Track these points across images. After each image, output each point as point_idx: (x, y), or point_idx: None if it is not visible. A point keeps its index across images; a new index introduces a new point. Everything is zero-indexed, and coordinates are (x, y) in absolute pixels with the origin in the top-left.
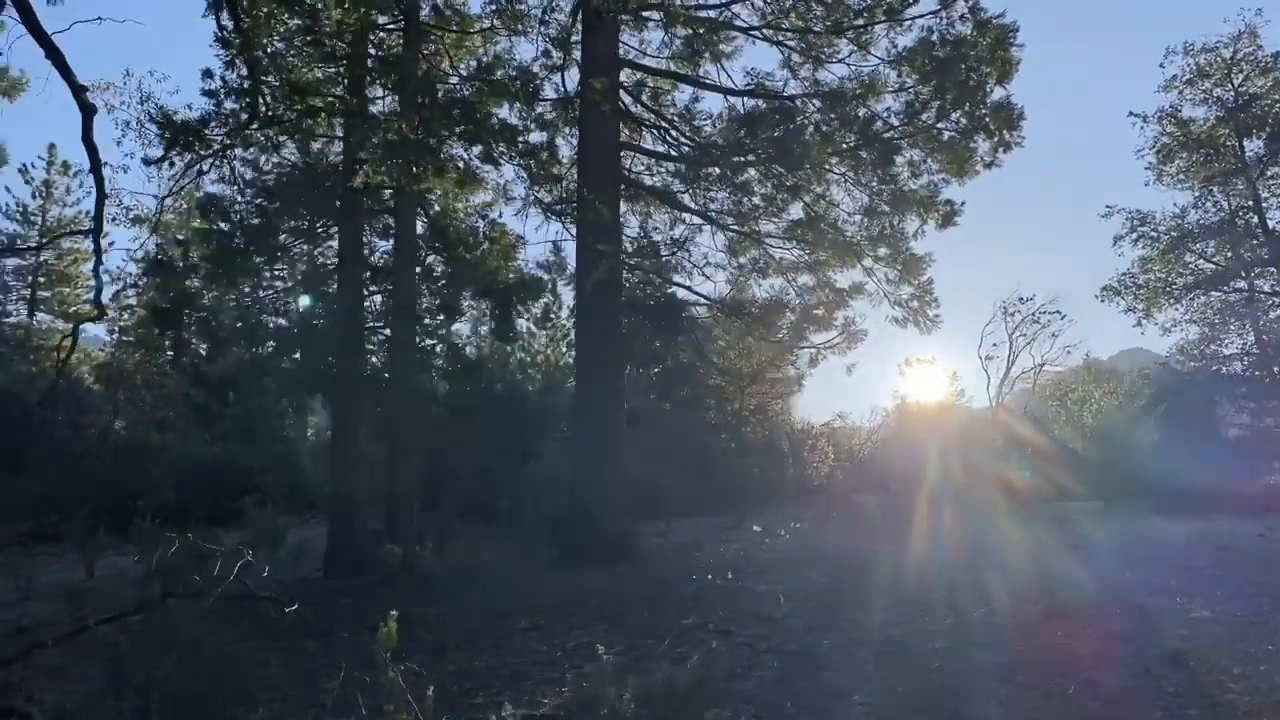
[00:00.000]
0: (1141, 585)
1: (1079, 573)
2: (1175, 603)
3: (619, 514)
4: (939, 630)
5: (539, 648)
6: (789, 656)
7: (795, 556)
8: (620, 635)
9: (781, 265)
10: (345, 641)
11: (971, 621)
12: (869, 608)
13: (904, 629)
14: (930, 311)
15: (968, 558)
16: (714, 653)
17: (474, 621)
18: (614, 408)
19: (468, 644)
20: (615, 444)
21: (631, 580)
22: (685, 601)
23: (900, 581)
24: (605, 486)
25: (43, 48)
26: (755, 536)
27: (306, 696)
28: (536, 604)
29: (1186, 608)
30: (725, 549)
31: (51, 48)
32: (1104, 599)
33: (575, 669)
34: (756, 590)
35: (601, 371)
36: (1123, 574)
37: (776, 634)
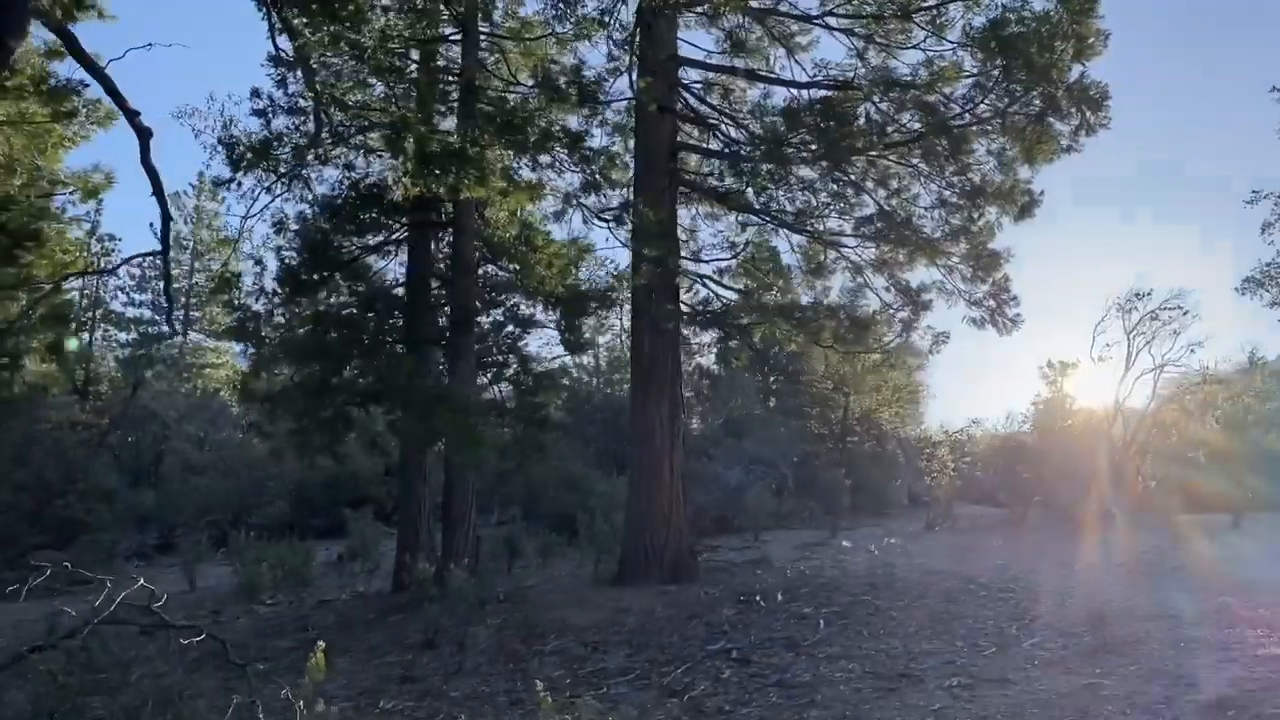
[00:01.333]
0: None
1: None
2: None
3: (676, 530)
4: (967, 663)
5: (552, 673)
6: (793, 690)
7: (868, 576)
8: (639, 661)
9: (851, 265)
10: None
11: (1012, 652)
12: (913, 635)
13: (932, 661)
14: (1009, 311)
15: (1089, 577)
16: (721, 682)
17: (503, 642)
18: (669, 418)
19: (485, 667)
20: (672, 457)
21: (677, 601)
22: (721, 625)
23: (971, 606)
24: (661, 501)
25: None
26: (842, 552)
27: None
28: (573, 625)
29: None
30: (799, 566)
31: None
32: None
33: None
34: (801, 614)
35: (656, 381)
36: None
37: (796, 664)
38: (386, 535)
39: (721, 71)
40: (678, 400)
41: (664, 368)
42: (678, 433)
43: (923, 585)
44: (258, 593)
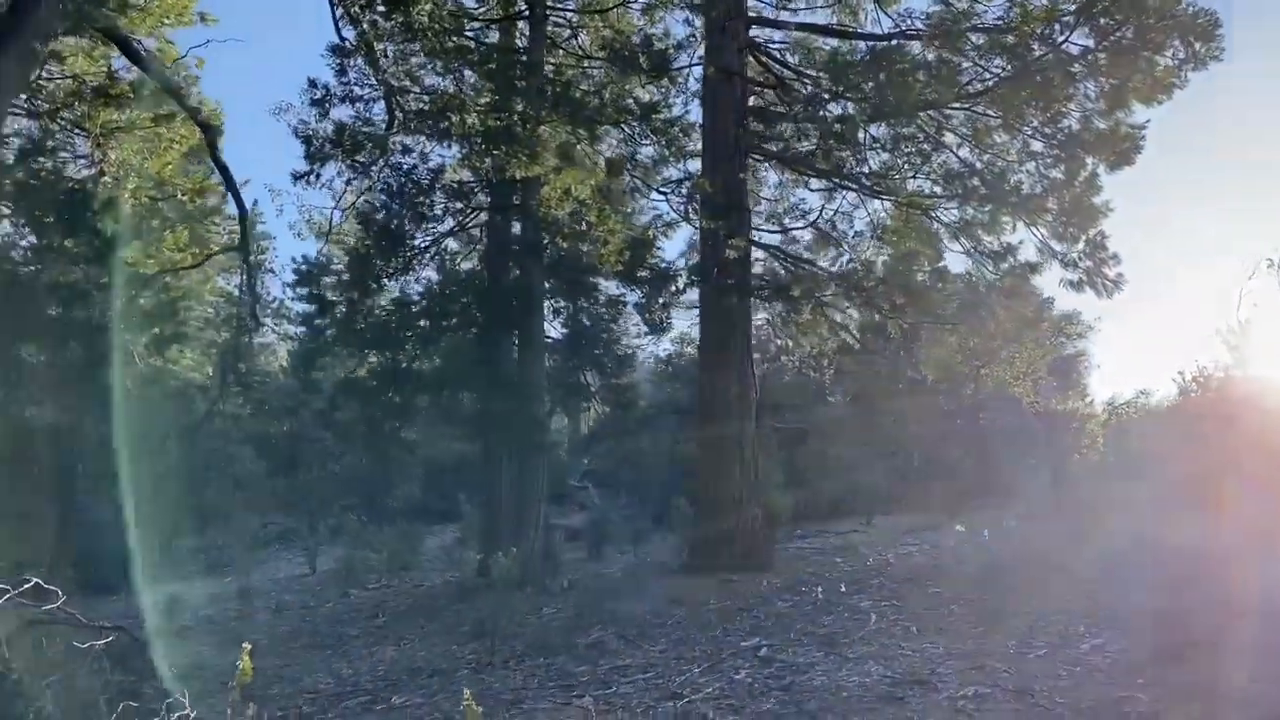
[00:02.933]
0: None
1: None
2: None
3: (749, 515)
4: (1000, 668)
5: (577, 668)
6: (797, 695)
7: (954, 564)
8: (666, 657)
9: (928, 230)
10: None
11: (1060, 655)
12: (963, 633)
13: (963, 664)
14: (1109, 271)
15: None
16: (732, 684)
17: (545, 634)
18: (738, 397)
19: (514, 660)
20: (743, 438)
21: (736, 591)
22: (768, 619)
23: (1050, 599)
24: (731, 486)
25: (150, 76)
26: (948, 537)
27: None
28: (622, 616)
29: None
30: (889, 553)
31: (158, 74)
32: None
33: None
34: (857, 607)
35: (725, 358)
36: None
37: (819, 665)
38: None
39: (797, 29)
40: (748, 378)
41: (733, 343)
42: (748, 412)
43: (1007, 574)
44: (357, 577)
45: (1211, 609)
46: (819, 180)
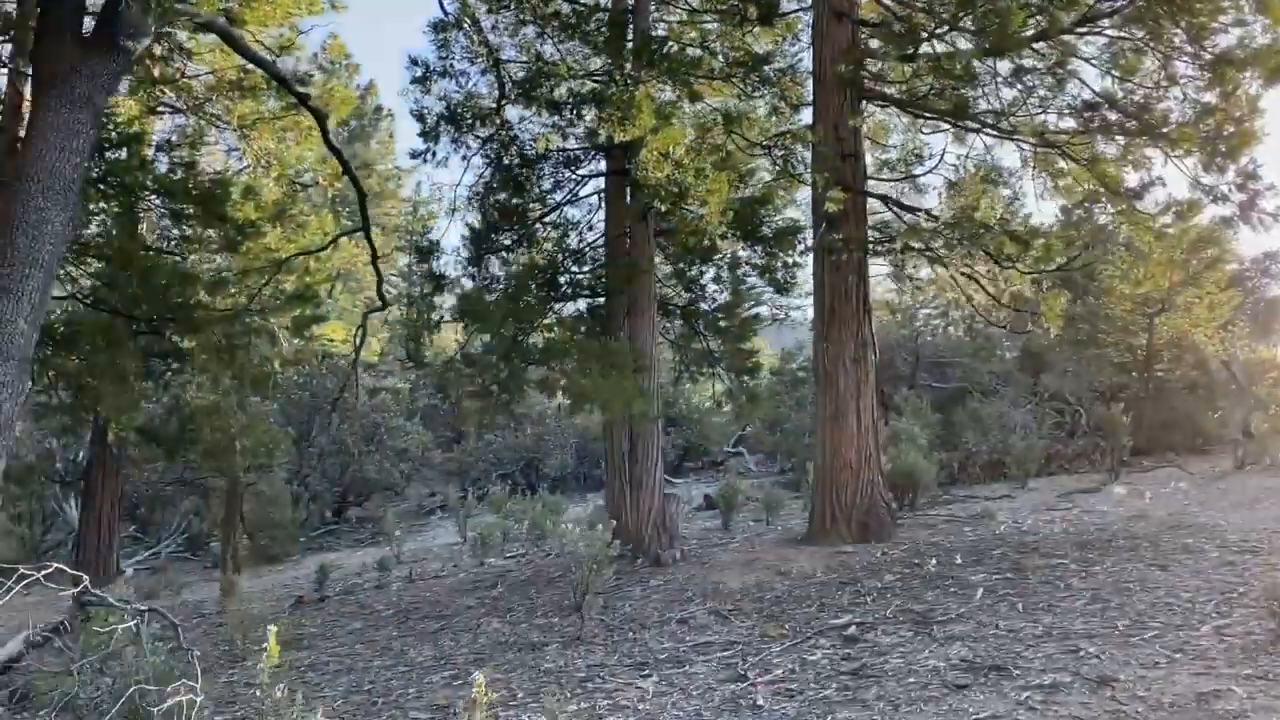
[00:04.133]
0: None
1: None
2: None
3: (867, 483)
4: (1095, 652)
5: (661, 644)
6: (860, 680)
7: (1097, 532)
8: (751, 635)
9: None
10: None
11: (1170, 638)
12: (1070, 611)
13: (1054, 649)
14: (1264, 204)
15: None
16: (804, 665)
17: (643, 608)
18: (855, 360)
19: (603, 635)
20: (859, 403)
21: (848, 563)
22: (868, 594)
23: (1184, 574)
24: (848, 453)
25: (257, 65)
26: (1103, 501)
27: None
28: (724, 589)
29: None
30: (1030, 520)
31: (264, 63)
32: None
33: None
34: (967, 581)
35: (840, 318)
36: None
37: (901, 646)
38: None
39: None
40: (866, 339)
41: (849, 302)
42: (865, 378)
43: (1148, 543)
44: (496, 546)
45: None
46: (938, 122)
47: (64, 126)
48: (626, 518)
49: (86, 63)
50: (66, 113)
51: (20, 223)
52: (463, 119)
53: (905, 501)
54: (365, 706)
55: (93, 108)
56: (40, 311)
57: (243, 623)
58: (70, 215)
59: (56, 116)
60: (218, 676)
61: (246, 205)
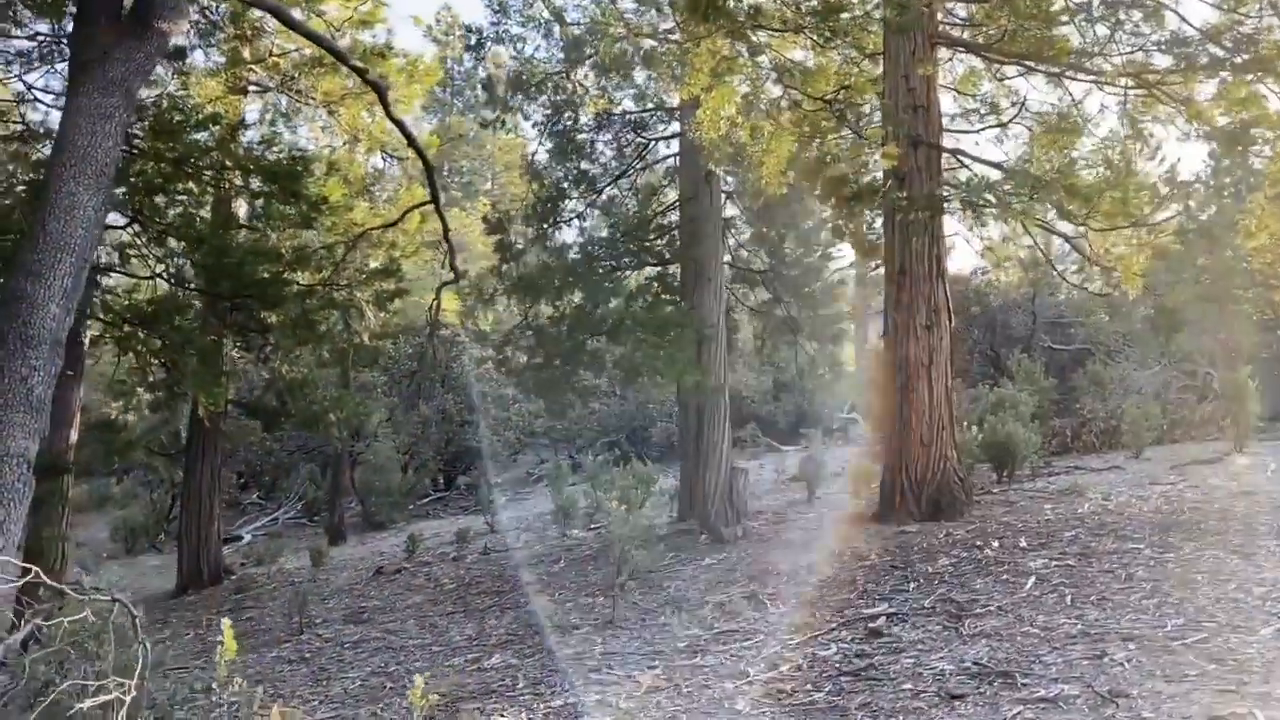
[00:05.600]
0: None
1: None
2: None
3: (939, 458)
4: (1126, 658)
5: (685, 631)
6: (863, 679)
7: (1196, 513)
8: (782, 623)
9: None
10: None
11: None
12: (1121, 606)
13: (1081, 652)
14: None
15: None
16: (816, 662)
17: (687, 589)
18: (927, 327)
19: (636, 618)
20: (931, 373)
21: (908, 544)
22: (916, 580)
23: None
24: (919, 426)
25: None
26: (1223, 474)
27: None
28: (777, 570)
29: None
30: (1126, 496)
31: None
32: None
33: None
34: (1024, 568)
35: (912, 282)
36: None
37: (929, 641)
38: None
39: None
40: (940, 305)
41: (922, 264)
42: (938, 345)
43: (1242, 526)
44: (573, 518)
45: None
46: (1018, 66)
47: (96, 111)
48: (695, 492)
49: (120, 45)
50: (99, 97)
51: (52, 207)
52: (525, 85)
53: (1004, 474)
54: (374, 692)
55: (125, 91)
56: (74, 295)
57: (299, 595)
58: (103, 199)
59: (89, 101)
60: (270, 650)
61: (330, 181)
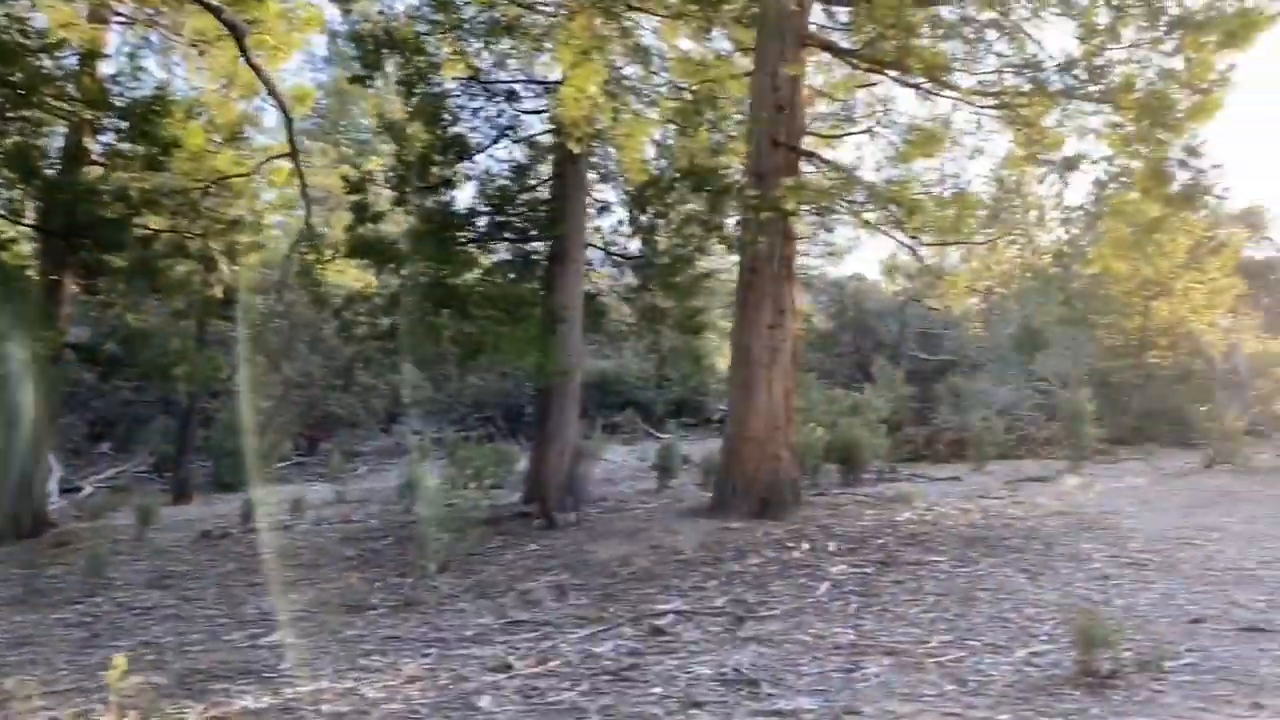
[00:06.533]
0: None
1: None
2: None
3: (772, 457)
4: (876, 675)
5: (479, 619)
6: (601, 688)
7: (1008, 528)
8: (578, 614)
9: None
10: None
11: (979, 665)
12: (900, 617)
13: (837, 664)
14: (1211, 183)
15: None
16: (586, 659)
17: (494, 576)
18: (771, 327)
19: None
20: (771, 373)
21: (724, 542)
22: (717, 579)
23: (1058, 581)
24: (756, 425)
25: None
26: (1050, 492)
27: None
28: (593, 560)
29: None
30: (949, 507)
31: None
32: None
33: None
34: (823, 574)
35: (761, 282)
36: None
37: (702, 645)
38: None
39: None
40: (786, 305)
41: (771, 265)
42: (780, 346)
43: (1041, 545)
44: (416, 494)
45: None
46: (876, 75)
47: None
48: (539, 476)
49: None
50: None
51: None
52: (390, 42)
53: (849, 476)
54: (134, 663)
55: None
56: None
57: (96, 556)
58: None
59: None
60: (55, 611)
61: (192, 125)
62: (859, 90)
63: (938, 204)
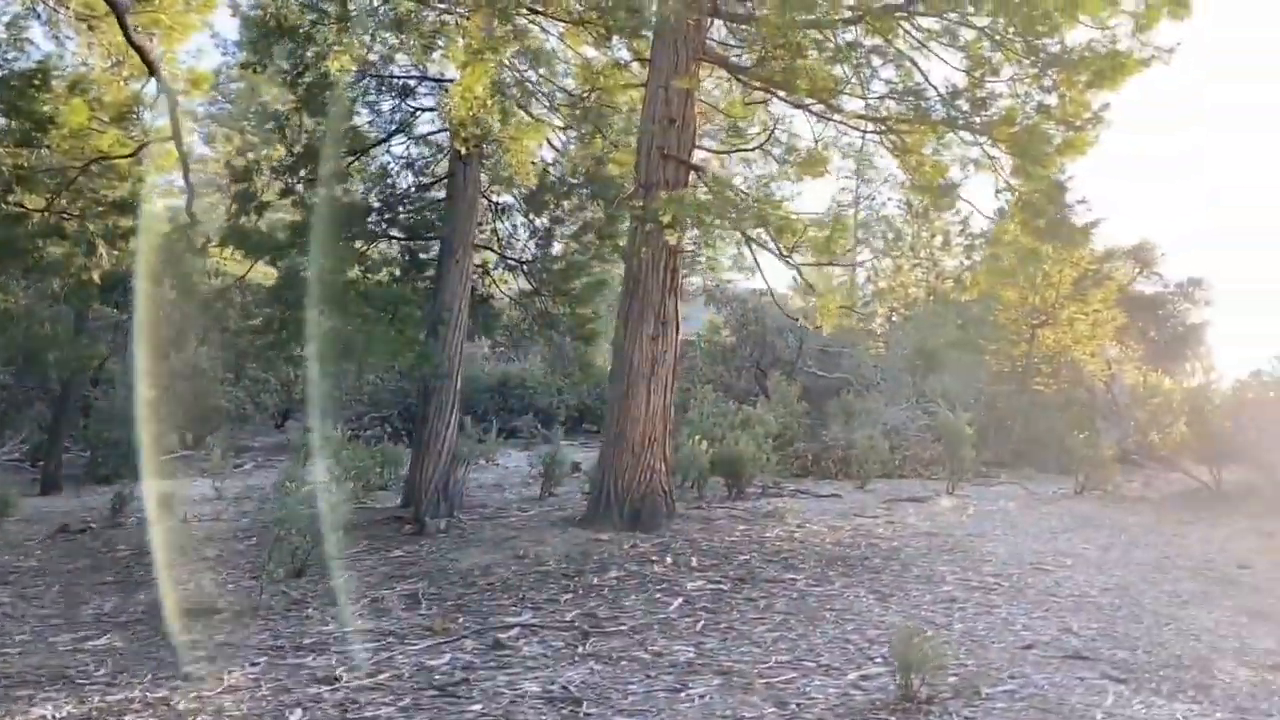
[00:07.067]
0: None
1: None
2: None
3: (647, 469)
4: (667, 686)
5: (290, 629)
6: (404, 696)
7: (874, 547)
8: (411, 625)
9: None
10: None
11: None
12: (740, 636)
13: (636, 687)
14: (1074, 219)
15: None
16: (417, 672)
17: (354, 584)
18: (652, 338)
19: (283, 609)
20: (650, 385)
21: (589, 554)
22: (574, 593)
23: (905, 603)
24: (633, 436)
25: None
26: (925, 512)
27: None
28: (450, 569)
29: None
30: (821, 525)
31: None
32: None
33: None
34: (679, 589)
35: (645, 292)
36: None
37: (538, 661)
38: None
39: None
40: (668, 318)
41: (655, 277)
42: (661, 358)
43: (899, 565)
44: None
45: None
46: (764, 94)
47: None
48: (416, 480)
49: None
50: None
51: None
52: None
53: (733, 490)
54: None
55: None
56: None
57: None
58: None
59: None
60: None
61: (74, 101)
62: (757, 109)
63: (810, 225)
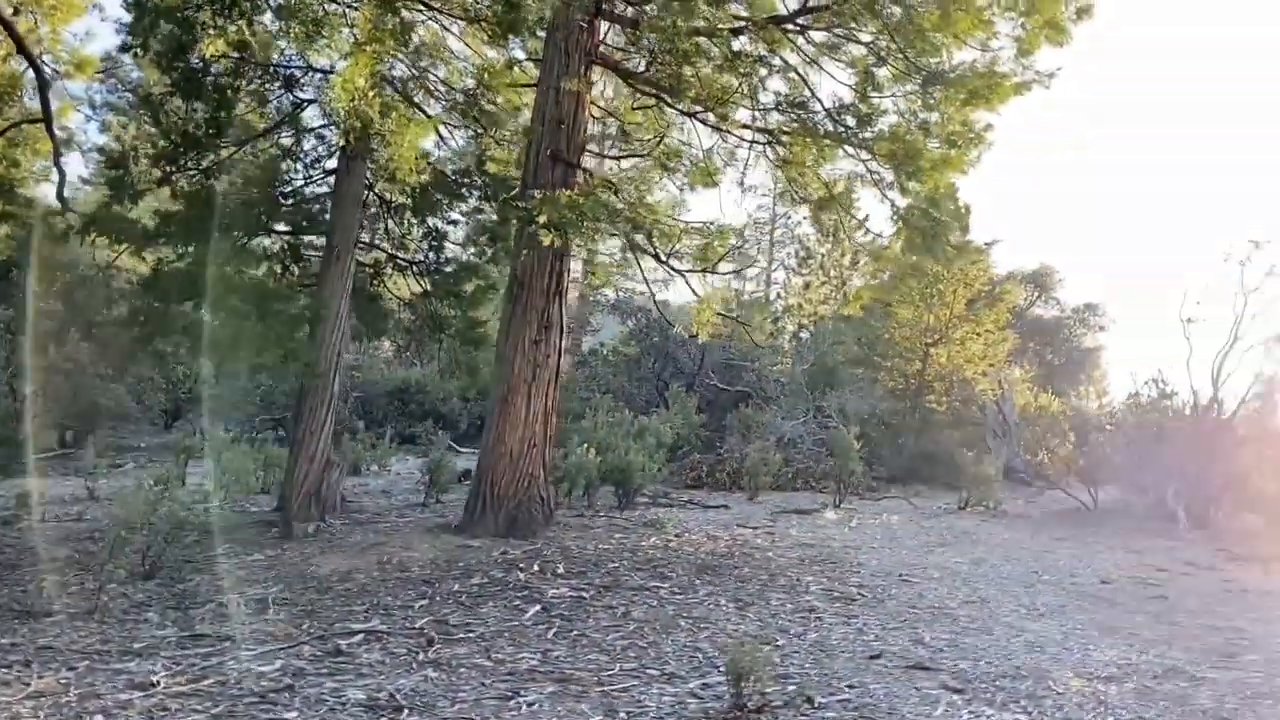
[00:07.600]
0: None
1: None
2: None
3: (524, 476)
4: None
5: (126, 633)
6: (222, 703)
7: (748, 559)
8: (257, 630)
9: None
10: None
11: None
12: (589, 645)
13: (472, 688)
14: (952, 236)
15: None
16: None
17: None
18: (534, 342)
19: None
20: (531, 390)
21: (454, 561)
22: (423, 599)
23: (764, 611)
24: (511, 441)
25: None
26: (807, 525)
27: None
28: (308, 574)
29: None
30: (694, 535)
31: None
32: None
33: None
34: (540, 598)
35: (529, 296)
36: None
37: (335, 669)
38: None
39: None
40: (552, 322)
41: (540, 280)
42: (544, 362)
43: (766, 576)
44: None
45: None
46: (655, 100)
47: None
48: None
49: None
50: None
51: None
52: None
53: (622, 499)
54: None
55: None
56: None
57: None
58: None
59: None
60: None
61: None
62: (654, 116)
63: (688, 232)
